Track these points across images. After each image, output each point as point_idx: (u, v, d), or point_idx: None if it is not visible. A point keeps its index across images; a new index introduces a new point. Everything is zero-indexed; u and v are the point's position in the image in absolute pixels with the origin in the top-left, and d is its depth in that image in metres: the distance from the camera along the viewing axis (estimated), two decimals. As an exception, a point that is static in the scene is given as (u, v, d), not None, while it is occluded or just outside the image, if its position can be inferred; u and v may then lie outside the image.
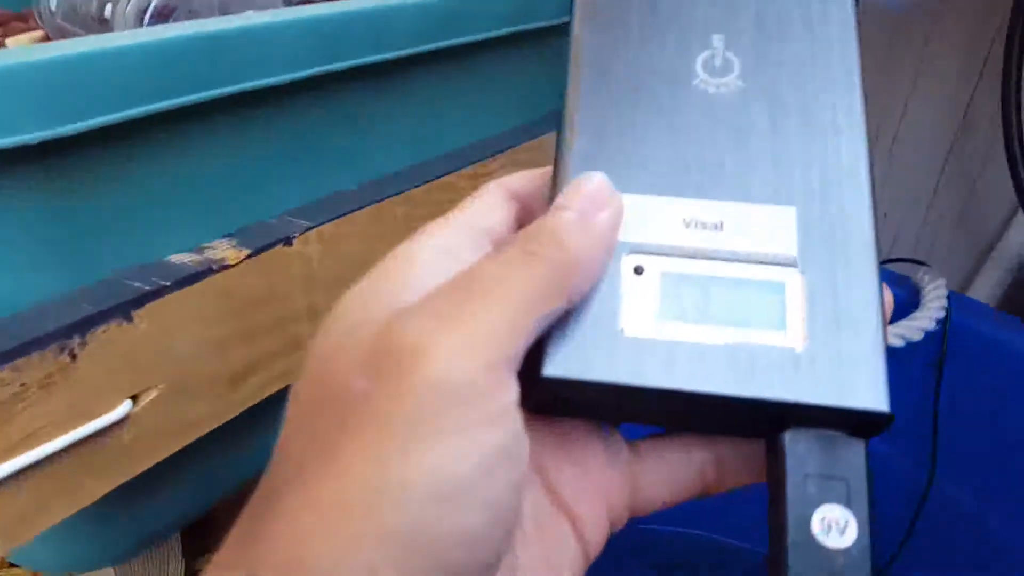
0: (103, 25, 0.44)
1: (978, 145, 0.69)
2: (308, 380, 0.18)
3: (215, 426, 0.37)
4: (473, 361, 0.17)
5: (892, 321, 0.64)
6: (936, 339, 0.66)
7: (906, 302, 0.66)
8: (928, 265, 0.67)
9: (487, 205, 0.22)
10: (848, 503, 0.19)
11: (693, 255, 0.21)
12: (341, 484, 0.16)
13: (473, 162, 0.49)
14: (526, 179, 0.23)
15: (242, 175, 0.38)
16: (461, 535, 0.16)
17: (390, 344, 0.17)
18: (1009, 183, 0.61)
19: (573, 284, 0.19)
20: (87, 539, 0.42)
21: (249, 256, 0.36)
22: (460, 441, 0.16)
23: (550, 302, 0.18)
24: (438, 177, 0.46)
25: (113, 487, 0.34)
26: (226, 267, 0.35)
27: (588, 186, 0.21)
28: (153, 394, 0.34)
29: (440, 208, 0.22)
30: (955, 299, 0.65)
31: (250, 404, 0.39)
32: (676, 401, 0.20)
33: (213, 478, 0.46)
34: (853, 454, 0.19)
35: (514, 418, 0.17)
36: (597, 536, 0.22)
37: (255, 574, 0.16)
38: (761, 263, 0.21)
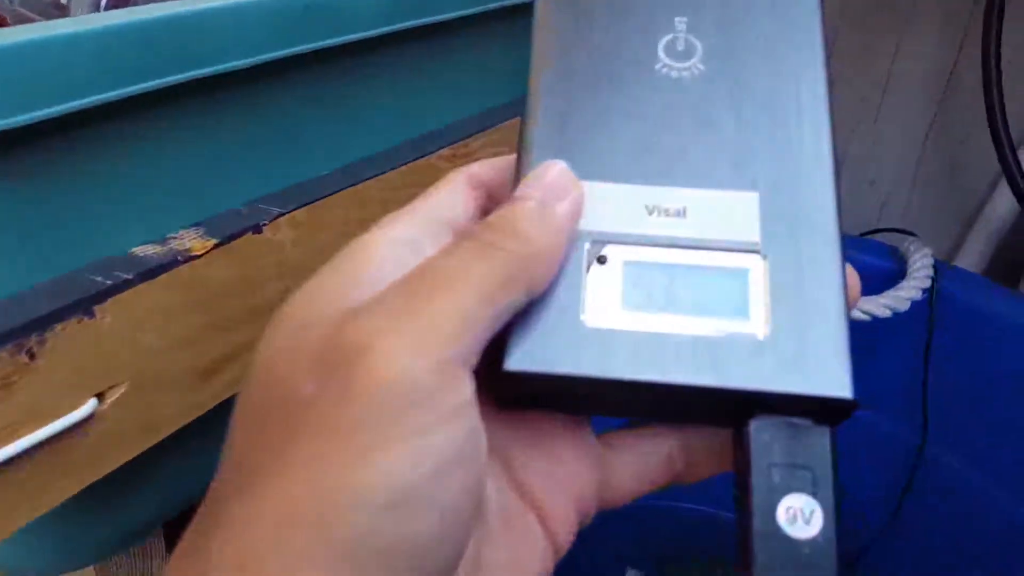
0: (61, 11, 0.43)
1: (962, 112, 0.68)
2: (254, 385, 0.18)
3: (188, 421, 0.37)
4: (424, 360, 0.16)
5: (879, 291, 0.64)
6: (923, 308, 0.66)
7: (893, 272, 0.66)
8: (915, 235, 0.67)
9: (450, 194, 0.21)
10: (814, 492, 0.19)
11: (656, 243, 0.21)
12: (289, 495, 0.15)
13: (453, 142, 0.48)
14: (492, 167, 0.22)
15: (209, 163, 0.37)
16: (415, 543, 0.16)
17: (338, 345, 0.16)
18: (992, 148, 0.61)
19: (533, 276, 0.19)
20: (61, 540, 0.42)
21: (217, 246, 0.35)
22: (412, 446, 0.16)
23: (509, 295, 0.18)
24: (416, 159, 0.45)
25: (81, 488, 0.33)
26: (192, 258, 0.34)
27: (548, 175, 0.20)
28: (120, 391, 0.33)
29: (419, 191, 0.21)
30: (941, 268, 0.65)
31: (225, 397, 0.38)
32: (641, 392, 0.20)
33: (193, 473, 0.45)
34: (818, 442, 0.19)
35: (468, 418, 0.17)
36: (566, 530, 0.22)
37: None
38: (724, 250, 0.20)
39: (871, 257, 0.67)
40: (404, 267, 0.18)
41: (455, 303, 0.17)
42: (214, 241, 0.35)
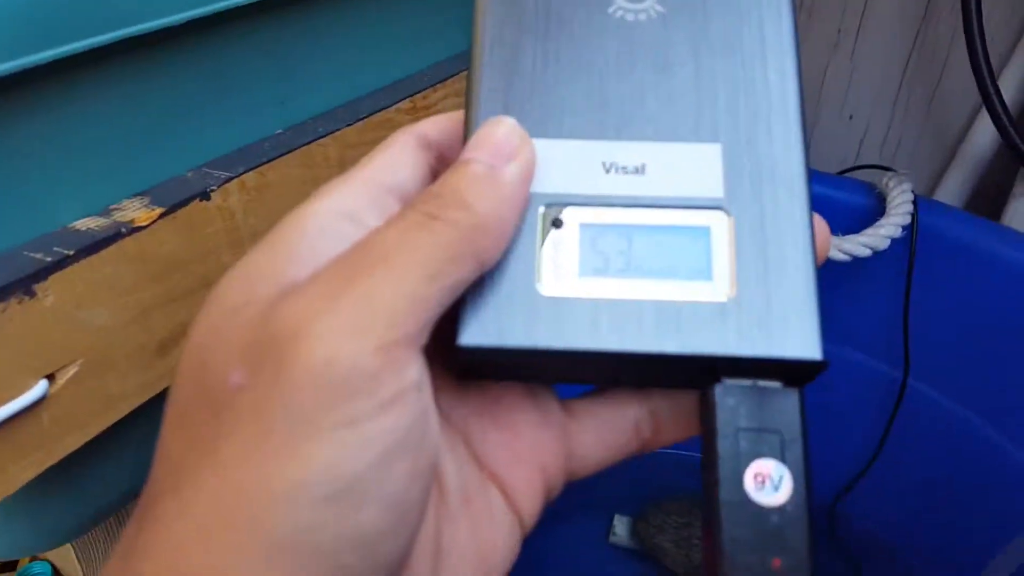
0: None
1: (941, 42, 0.67)
2: (184, 373, 0.17)
3: (147, 398, 0.36)
4: (361, 343, 0.15)
5: (859, 230, 0.64)
6: (904, 245, 0.65)
7: (873, 210, 0.66)
8: (894, 170, 0.66)
9: (394, 158, 0.20)
10: (782, 457, 0.18)
11: (614, 203, 0.20)
12: (219, 490, 0.15)
13: (412, 94, 0.47)
14: (441, 124, 0.21)
15: (149, 127, 0.36)
16: (359, 536, 0.15)
17: (269, 330, 0.16)
18: (972, 78, 0.60)
19: (482, 248, 0.18)
20: (29, 521, 0.42)
21: (163, 215, 0.34)
22: (350, 435, 0.15)
23: (457, 270, 0.17)
24: (373, 113, 0.44)
25: (39, 471, 0.33)
26: (137, 229, 0.33)
27: (495, 134, 0.19)
28: (72, 371, 0.33)
29: (378, 148, 0.20)
30: (922, 203, 0.65)
31: (183, 370, 0.38)
32: (601, 362, 0.19)
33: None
34: (787, 405, 0.19)
35: (415, 402, 0.16)
36: (531, 504, 0.21)
37: None
38: (686, 207, 0.20)
39: (849, 195, 0.67)
40: (344, 241, 0.17)
41: (397, 281, 0.16)
42: (160, 210, 0.34)
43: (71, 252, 0.31)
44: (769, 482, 0.18)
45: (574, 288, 0.19)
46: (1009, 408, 0.65)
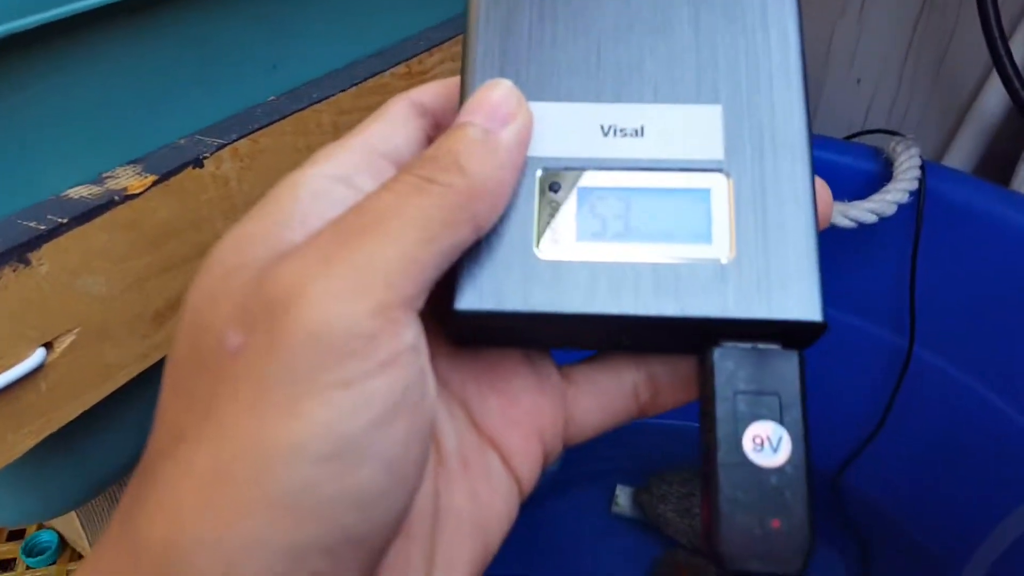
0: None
1: (950, 3, 0.66)
2: (181, 338, 0.17)
3: (145, 367, 0.37)
4: (358, 305, 0.15)
5: (866, 196, 0.64)
6: (911, 211, 0.65)
7: (880, 175, 0.66)
8: (902, 135, 0.66)
9: (390, 123, 0.20)
10: (781, 419, 0.18)
11: (612, 166, 0.20)
12: (218, 450, 0.15)
13: (407, 59, 0.46)
14: (437, 90, 0.21)
15: (141, 94, 0.36)
16: (358, 496, 0.15)
17: (266, 293, 0.16)
18: (983, 40, 0.59)
19: (478, 212, 0.18)
20: (36, 489, 0.42)
21: (156, 183, 0.34)
22: (347, 396, 0.15)
23: (453, 233, 0.17)
24: (367, 78, 0.44)
25: (39, 439, 0.33)
26: (130, 197, 0.33)
27: (492, 97, 0.19)
28: (69, 339, 0.33)
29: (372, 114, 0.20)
30: (930, 168, 0.64)
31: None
32: (600, 325, 0.19)
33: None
34: (786, 367, 0.19)
35: (412, 363, 0.16)
36: (530, 468, 0.22)
37: (135, 558, 0.15)
38: (685, 170, 0.20)
39: (856, 160, 0.66)
40: (339, 206, 0.17)
41: (393, 244, 0.16)
42: (153, 178, 0.34)
43: (64, 220, 0.31)
44: (768, 444, 0.18)
45: (572, 252, 0.19)
46: (1016, 376, 0.65)
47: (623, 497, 0.78)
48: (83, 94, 0.33)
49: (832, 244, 0.68)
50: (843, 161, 0.67)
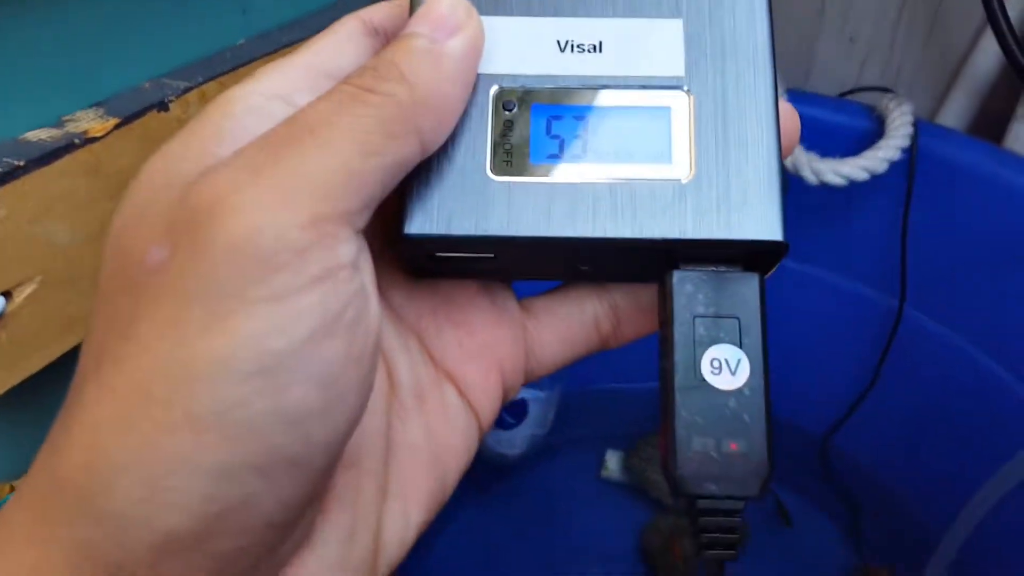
0: None
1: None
2: (105, 259, 0.16)
3: (111, 317, 0.36)
4: (290, 216, 0.15)
5: (858, 152, 0.63)
6: (904, 169, 0.65)
7: (872, 133, 0.65)
8: (894, 92, 0.65)
9: (338, 42, 0.19)
10: (740, 342, 0.18)
11: (569, 83, 0.19)
12: (138, 367, 0.14)
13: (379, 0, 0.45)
14: (391, 9, 0.20)
15: (105, 35, 0.35)
16: (287, 415, 0.15)
17: (189, 205, 0.15)
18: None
19: (423, 125, 0.17)
20: (3, 446, 0.42)
21: (118, 126, 0.33)
22: (276, 311, 0.14)
23: (396, 147, 0.16)
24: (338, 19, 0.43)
25: (2, 392, 0.32)
26: (91, 140, 0.32)
27: (439, 7, 0.18)
28: (29, 288, 0.32)
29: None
30: (923, 126, 0.64)
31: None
32: (555, 250, 0.19)
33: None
34: (746, 290, 0.18)
35: (346, 281, 0.15)
36: (489, 401, 0.21)
37: (59, 485, 0.14)
38: (645, 87, 0.19)
39: (849, 118, 0.66)
40: (274, 121, 0.17)
41: (328, 154, 0.15)
42: (115, 121, 0.33)
43: (22, 163, 0.30)
44: (726, 367, 0.18)
45: (526, 173, 0.18)
46: (1005, 336, 0.65)
47: (612, 461, 0.78)
48: (42, 32, 0.33)
49: (824, 202, 0.67)
50: (836, 119, 0.66)
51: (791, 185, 0.65)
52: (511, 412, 0.75)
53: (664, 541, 0.72)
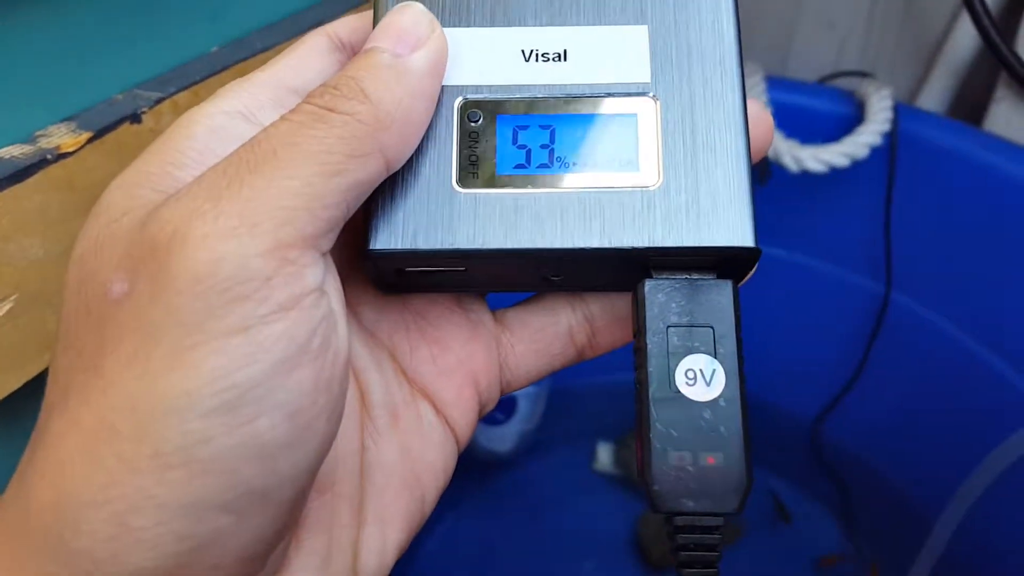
0: None
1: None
2: (68, 289, 0.16)
3: (90, 332, 0.36)
4: (252, 244, 0.15)
5: (838, 138, 0.63)
6: (885, 154, 0.65)
7: (852, 119, 0.65)
8: (873, 76, 0.65)
9: (303, 56, 0.19)
10: (714, 351, 0.18)
11: (535, 93, 0.19)
12: (104, 402, 0.14)
13: (356, 5, 0.45)
14: (355, 23, 0.20)
15: (78, 47, 0.34)
16: (256, 448, 0.15)
17: (148, 235, 0.15)
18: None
19: (387, 143, 0.17)
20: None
21: (91, 140, 0.33)
22: (241, 342, 0.14)
23: (359, 167, 0.16)
24: (315, 27, 0.42)
25: (-19, 410, 0.32)
26: (64, 155, 0.32)
27: (401, 20, 0.18)
28: (6, 306, 0.32)
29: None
30: (903, 110, 0.64)
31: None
32: (524, 262, 0.19)
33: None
34: (719, 298, 0.18)
35: (313, 307, 0.15)
36: (465, 417, 0.21)
37: (26, 521, 0.14)
38: (611, 95, 0.19)
39: (828, 103, 0.66)
40: (238, 141, 0.17)
41: (289, 177, 0.15)
42: (87, 135, 0.33)
43: (-7, 181, 0.30)
44: (701, 377, 0.18)
45: (493, 185, 0.18)
46: (991, 319, 0.65)
47: (604, 454, 0.78)
48: (12, 47, 0.32)
49: (808, 188, 0.67)
50: (815, 105, 0.66)
51: (772, 172, 0.65)
52: (500, 409, 0.75)
53: (657, 532, 0.73)
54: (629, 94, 0.19)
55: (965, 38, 0.64)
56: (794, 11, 0.71)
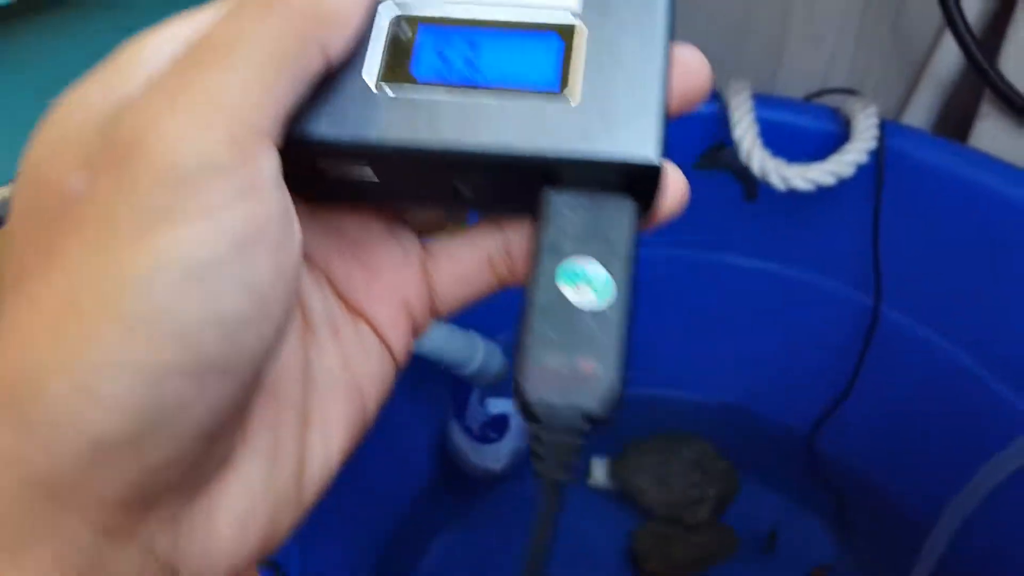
0: None
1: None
2: (18, 198, 0.16)
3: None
4: (209, 137, 0.15)
5: (825, 155, 0.64)
6: (871, 172, 0.66)
7: (838, 137, 0.66)
8: (859, 93, 0.66)
9: None
10: (606, 263, 0.19)
11: (464, 2, 0.20)
12: (66, 279, 0.15)
13: None
14: None
15: (70, 77, 0.36)
16: (219, 321, 0.15)
17: (109, 137, 0.16)
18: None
19: (327, 38, 0.18)
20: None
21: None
22: (205, 224, 0.15)
23: (303, 60, 0.17)
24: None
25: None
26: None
27: None
28: None
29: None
30: (889, 127, 0.65)
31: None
32: (432, 164, 0.19)
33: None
34: (618, 215, 0.19)
35: (271, 196, 0.16)
36: (400, 339, 0.22)
37: None
38: (540, 8, 0.20)
39: (814, 121, 0.67)
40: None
41: (240, 71, 0.16)
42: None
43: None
44: (589, 286, 0.18)
45: (416, 90, 0.19)
46: (980, 332, 0.65)
47: (598, 469, 0.78)
48: (14, 85, 0.34)
49: (797, 203, 0.68)
50: (802, 122, 0.67)
51: (760, 188, 0.67)
52: (493, 427, 0.76)
53: (653, 548, 0.73)
54: (557, 21, 0.20)
55: (950, 56, 0.65)
56: (781, 26, 0.72)
